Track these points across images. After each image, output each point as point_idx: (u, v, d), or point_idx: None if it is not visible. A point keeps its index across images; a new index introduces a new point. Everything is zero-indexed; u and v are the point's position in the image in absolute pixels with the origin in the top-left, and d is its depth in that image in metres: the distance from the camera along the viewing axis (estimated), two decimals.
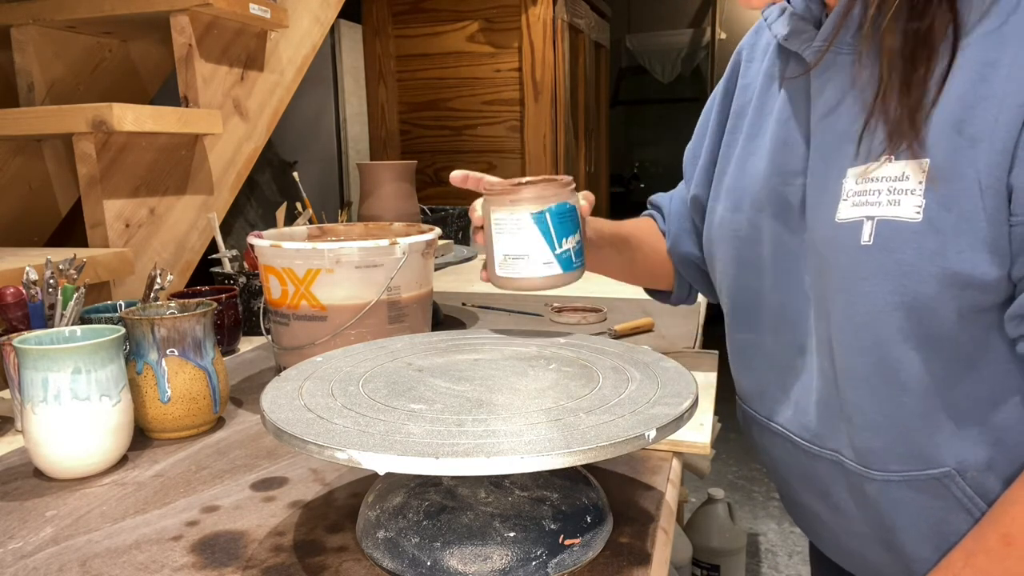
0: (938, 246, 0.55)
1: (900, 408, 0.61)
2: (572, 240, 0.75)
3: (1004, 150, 0.52)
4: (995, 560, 0.57)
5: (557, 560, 0.54)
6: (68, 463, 0.71)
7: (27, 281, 0.88)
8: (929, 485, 0.63)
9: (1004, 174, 0.52)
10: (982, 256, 0.54)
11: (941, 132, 0.55)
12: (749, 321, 0.75)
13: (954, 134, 0.54)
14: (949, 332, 0.58)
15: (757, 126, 0.74)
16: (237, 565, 0.57)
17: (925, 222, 0.55)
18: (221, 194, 1.48)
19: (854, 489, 0.67)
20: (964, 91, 0.54)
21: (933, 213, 0.55)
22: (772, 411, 0.75)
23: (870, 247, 0.58)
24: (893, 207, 0.57)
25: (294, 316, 0.92)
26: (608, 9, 3.79)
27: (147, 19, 1.41)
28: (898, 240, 0.57)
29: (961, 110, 0.54)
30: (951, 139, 0.54)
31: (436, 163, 3.08)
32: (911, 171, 0.56)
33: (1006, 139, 0.52)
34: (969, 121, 0.53)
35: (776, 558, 2.34)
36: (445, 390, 0.60)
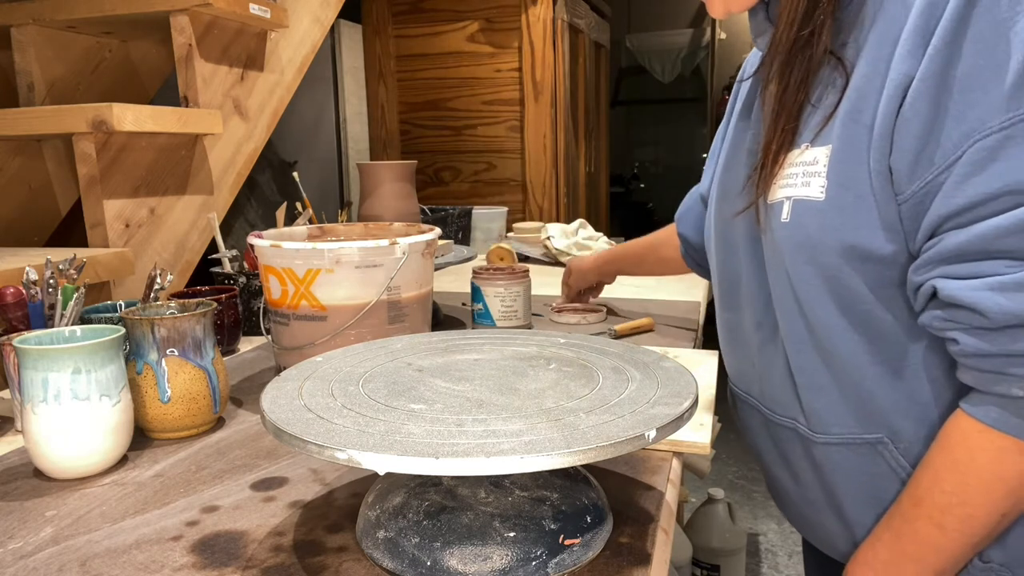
0: (838, 222, 0.61)
1: (835, 371, 0.66)
2: None
3: (884, 134, 0.57)
4: (907, 521, 0.62)
5: (557, 560, 0.54)
6: (68, 463, 0.71)
7: (27, 281, 0.88)
8: (865, 450, 0.67)
9: (885, 157, 0.58)
10: (876, 232, 0.59)
11: (842, 121, 0.61)
12: (731, 302, 0.79)
13: (851, 122, 0.60)
14: (868, 306, 0.62)
15: (745, 120, 0.78)
16: (237, 565, 0.57)
17: (827, 200, 0.61)
18: (221, 194, 1.48)
19: (807, 454, 0.72)
20: (862, 83, 0.60)
21: (834, 192, 0.61)
22: (748, 386, 0.79)
23: (787, 223, 0.65)
24: (805, 188, 0.63)
25: (294, 316, 0.92)
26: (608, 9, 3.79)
27: (147, 19, 1.41)
28: (806, 217, 0.63)
29: (857, 99, 0.60)
30: (848, 127, 0.60)
31: (436, 163, 3.08)
32: (820, 156, 0.62)
33: (884, 124, 0.57)
34: (863, 110, 0.59)
35: (776, 558, 2.34)
36: (445, 390, 0.60)
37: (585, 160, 3.35)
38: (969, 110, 0.53)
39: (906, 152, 0.56)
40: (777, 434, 0.75)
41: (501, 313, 1.19)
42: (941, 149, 0.54)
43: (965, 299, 0.54)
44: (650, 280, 1.63)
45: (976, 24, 0.53)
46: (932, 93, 0.54)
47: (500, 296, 1.18)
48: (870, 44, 0.60)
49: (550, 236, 1.88)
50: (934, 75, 0.54)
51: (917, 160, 0.56)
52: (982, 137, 0.52)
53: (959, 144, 0.53)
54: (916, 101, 0.55)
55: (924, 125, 0.55)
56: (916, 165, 0.56)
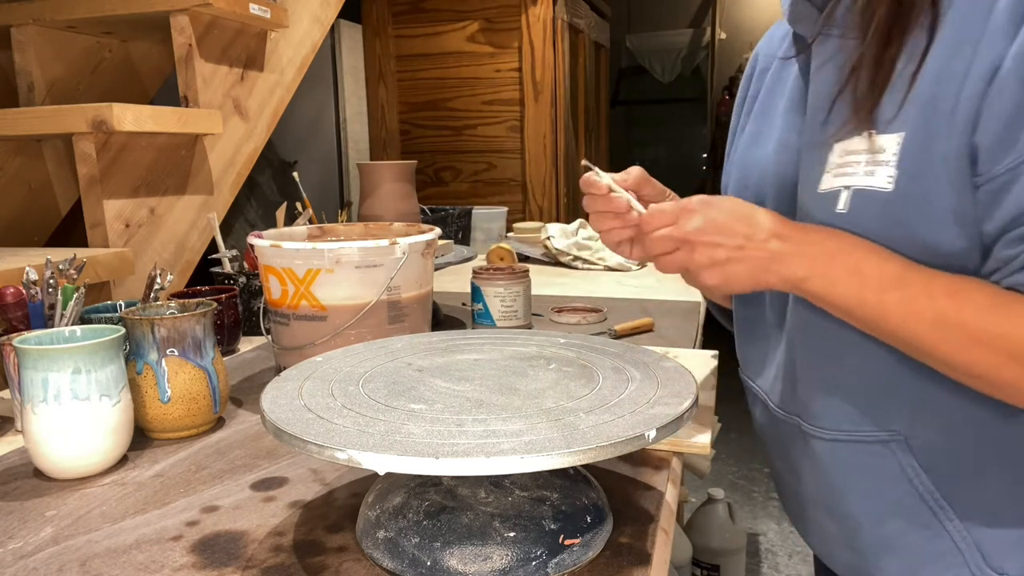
0: (906, 215, 0.58)
1: (854, 366, 0.64)
2: None
3: (967, 119, 0.54)
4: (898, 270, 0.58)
5: (557, 560, 0.54)
6: (68, 463, 0.71)
7: (27, 281, 0.88)
8: (875, 449, 0.65)
9: (966, 142, 0.55)
10: (948, 227, 0.56)
11: (916, 107, 0.57)
12: (750, 296, 0.78)
13: (927, 109, 0.57)
14: None
15: (767, 105, 0.77)
16: (237, 565, 0.57)
17: (895, 192, 0.58)
18: (221, 194, 1.48)
19: (808, 451, 0.70)
20: (939, 67, 0.56)
21: (903, 184, 0.57)
22: (756, 376, 0.79)
23: (844, 215, 0.61)
24: (868, 177, 0.59)
25: (294, 316, 0.92)
26: (608, 9, 3.79)
27: (147, 19, 1.41)
28: (870, 208, 0.59)
29: (935, 85, 0.56)
30: (923, 114, 0.57)
31: (436, 163, 3.08)
32: (889, 144, 0.58)
33: (969, 110, 0.54)
34: (941, 96, 0.56)
35: (776, 558, 2.34)
36: (445, 390, 0.60)
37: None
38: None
39: (992, 133, 0.54)
40: (780, 429, 0.75)
41: (501, 313, 1.19)
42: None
43: None
44: (650, 280, 1.63)
45: None
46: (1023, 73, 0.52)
47: (500, 296, 1.18)
48: (952, 21, 0.56)
49: (550, 236, 1.88)
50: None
51: (1002, 143, 0.53)
52: None
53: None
54: (1006, 81, 0.53)
55: (1013, 107, 0.52)
56: (1001, 147, 0.53)
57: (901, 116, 0.58)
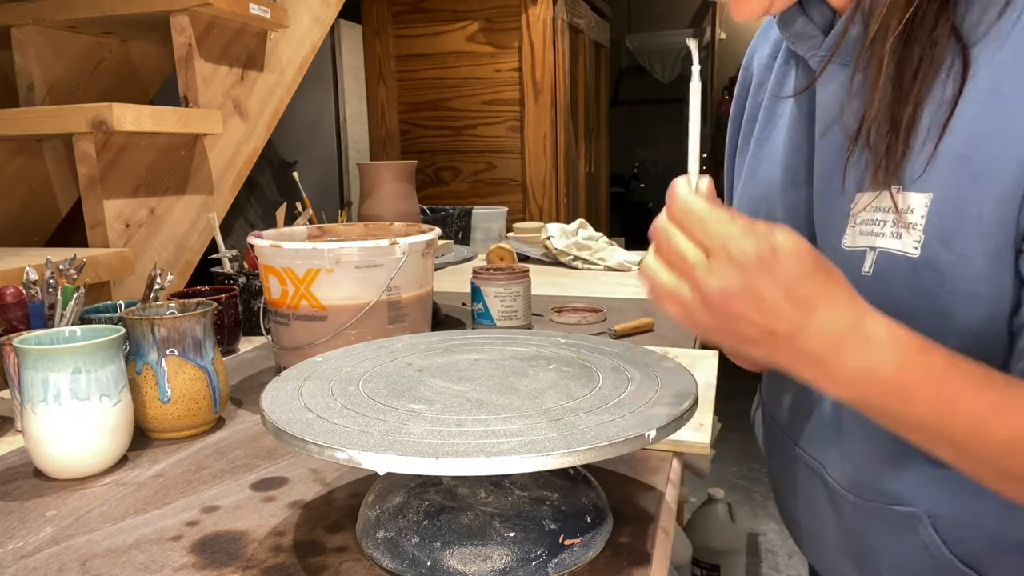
0: (934, 283, 0.53)
1: (876, 438, 0.59)
2: None
3: (1016, 187, 0.48)
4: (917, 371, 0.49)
5: (557, 560, 0.54)
6: (68, 463, 0.71)
7: (27, 281, 0.88)
8: (899, 520, 0.60)
9: (1013, 213, 0.49)
10: (975, 302, 0.52)
11: (946, 165, 0.52)
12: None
13: (959, 168, 0.51)
14: None
15: (767, 130, 0.72)
16: (237, 565, 0.57)
17: (923, 259, 0.53)
18: (221, 194, 1.48)
19: (832, 504, 0.66)
20: (969, 123, 0.51)
21: (932, 250, 0.52)
22: (778, 409, 0.75)
23: (869, 278, 0.56)
24: (895, 239, 0.54)
25: (294, 316, 0.92)
26: (608, 9, 3.78)
27: (147, 19, 1.41)
28: (895, 274, 0.55)
29: (965, 143, 0.51)
30: (955, 174, 0.51)
31: (436, 163, 3.07)
32: (917, 204, 0.53)
33: (1017, 176, 0.48)
34: (974, 157, 0.50)
35: (776, 558, 2.34)
36: (445, 390, 0.60)
37: (585, 160, 3.35)
38: None
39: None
40: (804, 474, 0.70)
41: (501, 313, 1.19)
42: None
43: None
44: None
45: None
46: None
47: (500, 296, 1.18)
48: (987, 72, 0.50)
49: (550, 236, 1.88)
50: None
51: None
52: None
53: None
54: None
55: None
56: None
57: (929, 174, 0.52)
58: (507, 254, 1.73)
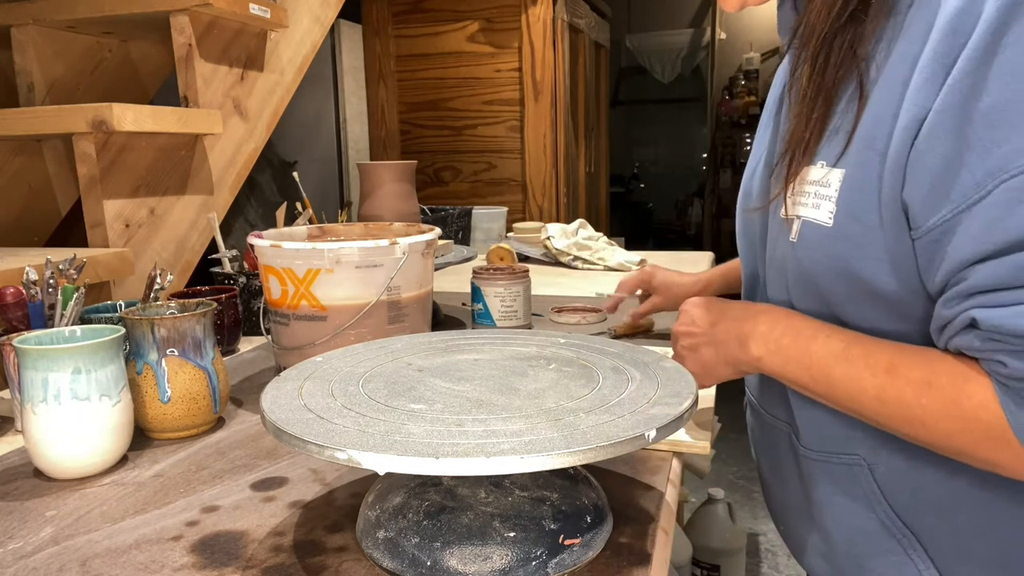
0: (844, 251, 0.58)
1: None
2: None
3: (896, 168, 0.54)
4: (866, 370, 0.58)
5: (557, 560, 0.54)
6: (68, 463, 0.71)
7: (27, 281, 0.88)
8: (844, 471, 0.65)
9: (898, 191, 0.54)
10: (882, 266, 0.56)
11: (857, 146, 0.57)
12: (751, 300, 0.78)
13: (865, 148, 0.56)
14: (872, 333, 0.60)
15: (768, 118, 0.77)
16: (237, 565, 0.57)
17: (835, 227, 0.58)
18: (221, 194, 1.48)
19: (796, 463, 0.71)
20: (879, 107, 0.56)
21: (842, 220, 0.58)
22: (751, 386, 0.79)
23: (795, 244, 0.63)
24: (814, 210, 0.60)
25: (294, 316, 0.92)
26: (608, 9, 3.78)
27: (147, 19, 1.41)
28: (814, 240, 0.60)
29: (873, 125, 0.56)
30: (863, 152, 0.57)
31: (436, 163, 3.08)
32: (833, 179, 0.59)
33: (897, 157, 0.54)
34: (878, 137, 0.56)
35: (776, 558, 2.34)
36: (445, 390, 0.60)
37: (585, 160, 3.35)
38: (995, 147, 0.49)
39: (921, 187, 0.53)
40: (772, 437, 0.75)
41: (501, 313, 1.19)
42: (960, 186, 0.51)
43: (1011, 325, 0.50)
44: None
45: (1005, 54, 0.49)
46: (951, 126, 0.51)
47: (500, 296, 1.18)
48: (891, 64, 0.56)
49: (550, 236, 1.88)
50: (954, 107, 0.51)
51: (933, 196, 0.52)
52: (1010, 177, 0.49)
53: (983, 183, 0.50)
54: (933, 134, 0.52)
55: (942, 160, 0.51)
56: (932, 201, 0.53)
57: (846, 153, 0.58)
58: (507, 254, 1.73)
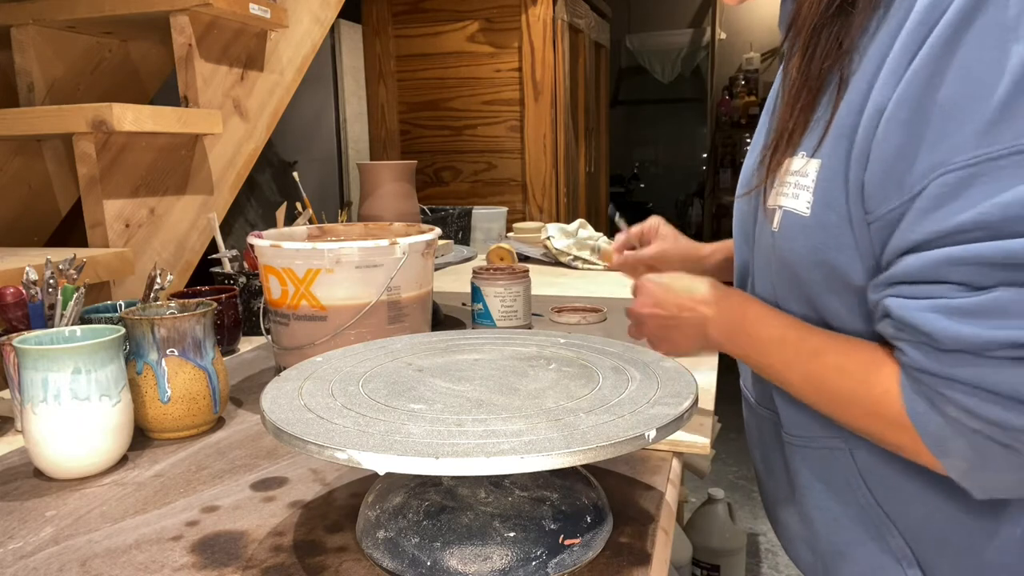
0: (821, 241, 0.59)
1: None
2: None
3: (860, 156, 0.55)
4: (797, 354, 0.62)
5: (557, 560, 0.54)
6: (68, 463, 0.71)
7: (27, 281, 0.88)
8: (825, 455, 0.66)
9: (861, 178, 0.55)
10: (854, 258, 0.57)
11: (833, 134, 0.58)
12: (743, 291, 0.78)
13: (840, 139, 0.57)
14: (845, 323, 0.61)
15: (766, 114, 0.77)
16: (237, 565, 0.57)
17: (812, 217, 0.59)
18: (221, 194, 1.48)
19: (781, 450, 0.72)
20: (852, 100, 0.57)
21: (819, 210, 0.59)
22: (744, 376, 0.80)
23: (776, 234, 0.64)
24: (794, 200, 0.61)
25: (294, 316, 0.92)
26: (608, 9, 3.78)
27: (147, 19, 1.41)
28: (793, 230, 0.61)
29: (847, 116, 0.57)
30: (837, 142, 0.57)
31: (436, 163, 3.07)
32: (811, 169, 0.60)
33: (862, 146, 0.55)
34: (849, 127, 0.56)
35: (776, 558, 2.34)
36: (445, 390, 0.60)
37: (585, 160, 3.35)
38: (942, 141, 0.50)
39: (877, 175, 0.54)
40: (760, 425, 0.76)
41: (501, 313, 1.19)
42: (911, 177, 0.52)
43: (914, 319, 0.52)
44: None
45: (964, 51, 0.50)
46: (905, 117, 0.52)
47: (500, 296, 1.19)
48: (868, 57, 0.56)
49: (550, 236, 1.88)
50: (910, 99, 0.52)
51: (886, 184, 0.54)
52: (946, 172, 0.50)
53: (925, 175, 0.51)
54: (889, 124, 0.53)
55: (895, 150, 0.53)
56: (885, 190, 0.54)
57: (823, 144, 0.59)
58: (507, 254, 1.73)
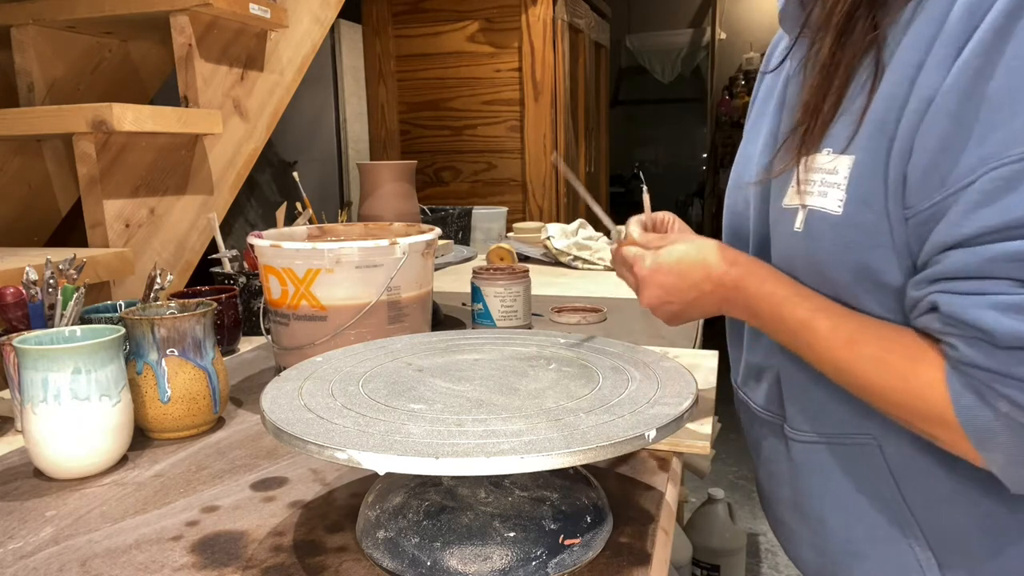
0: (853, 240, 0.57)
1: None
2: None
3: (903, 149, 0.54)
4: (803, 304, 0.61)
5: (557, 560, 0.54)
6: (68, 463, 0.71)
7: (27, 281, 0.88)
8: (850, 452, 0.65)
9: (902, 172, 0.54)
10: (890, 256, 0.56)
11: (868, 130, 0.56)
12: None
13: (877, 133, 0.56)
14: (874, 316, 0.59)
15: (762, 109, 0.77)
16: (237, 565, 0.57)
17: (844, 216, 0.57)
18: (221, 194, 1.48)
19: (787, 453, 0.70)
20: (891, 92, 0.55)
21: (852, 209, 0.57)
22: (742, 380, 0.79)
23: (800, 234, 0.61)
24: (822, 198, 0.59)
25: (294, 316, 0.92)
26: (608, 9, 3.78)
27: (147, 19, 1.41)
28: (821, 230, 0.59)
29: (884, 111, 0.55)
30: (874, 138, 0.56)
31: (436, 163, 3.08)
32: (841, 166, 0.58)
33: (905, 138, 0.53)
34: (888, 121, 0.55)
35: (776, 558, 2.34)
36: (445, 390, 0.60)
37: (585, 160, 3.35)
38: (991, 133, 0.49)
39: (919, 167, 0.52)
40: (761, 430, 0.75)
41: (501, 313, 1.19)
42: (956, 170, 0.50)
43: (969, 316, 0.50)
44: None
45: (1015, 42, 0.48)
46: (954, 109, 0.50)
47: (500, 296, 1.19)
48: (904, 46, 0.55)
49: (550, 236, 1.88)
50: (959, 89, 0.50)
51: (929, 177, 0.52)
52: (999, 166, 0.48)
53: (974, 169, 0.49)
54: (936, 116, 0.51)
55: (941, 141, 0.51)
56: (927, 182, 0.52)
57: (856, 138, 0.57)
58: (507, 254, 1.73)
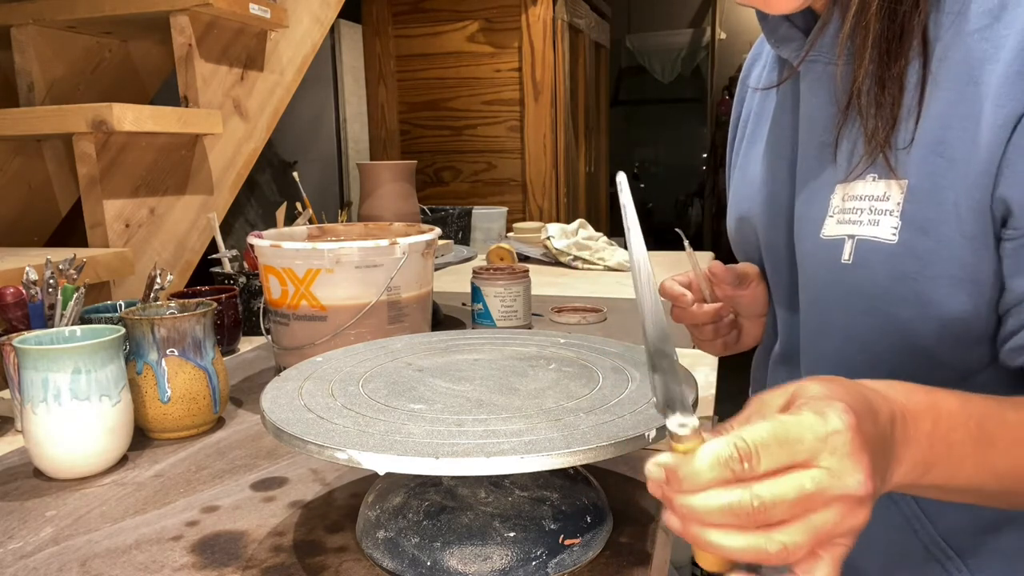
0: (913, 270, 0.54)
1: None
2: None
3: (986, 172, 0.50)
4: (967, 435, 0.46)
5: (557, 560, 0.54)
6: (68, 463, 0.71)
7: (27, 281, 0.88)
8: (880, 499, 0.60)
9: (987, 195, 0.50)
10: (956, 286, 0.53)
11: (921, 153, 0.53)
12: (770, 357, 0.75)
13: (933, 155, 0.52)
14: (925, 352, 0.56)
15: (756, 133, 0.74)
16: (237, 565, 0.57)
17: (901, 244, 0.54)
18: (221, 194, 1.48)
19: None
20: (943, 110, 0.52)
21: (909, 235, 0.54)
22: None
23: (849, 265, 0.58)
24: (872, 227, 0.56)
25: (294, 316, 0.92)
26: (608, 9, 3.79)
27: (147, 19, 1.41)
28: (874, 261, 0.56)
29: (940, 130, 0.52)
30: (930, 160, 0.53)
31: (436, 163, 3.08)
32: (892, 191, 0.55)
33: (988, 160, 0.50)
34: (948, 142, 0.52)
35: None
36: (445, 390, 0.60)
37: (585, 160, 3.35)
38: None
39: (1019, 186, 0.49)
40: None
41: (501, 313, 1.19)
42: None
43: None
44: None
45: None
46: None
47: (500, 296, 1.19)
48: (949, 63, 0.52)
49: (550, 236, 1.88)
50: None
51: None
52: None
53: None
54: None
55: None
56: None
57: (906, 161, 0.54)
58: (507, 254, 1.73)
